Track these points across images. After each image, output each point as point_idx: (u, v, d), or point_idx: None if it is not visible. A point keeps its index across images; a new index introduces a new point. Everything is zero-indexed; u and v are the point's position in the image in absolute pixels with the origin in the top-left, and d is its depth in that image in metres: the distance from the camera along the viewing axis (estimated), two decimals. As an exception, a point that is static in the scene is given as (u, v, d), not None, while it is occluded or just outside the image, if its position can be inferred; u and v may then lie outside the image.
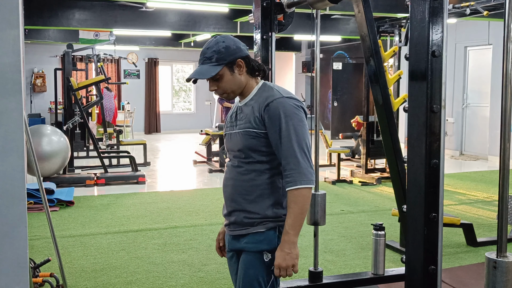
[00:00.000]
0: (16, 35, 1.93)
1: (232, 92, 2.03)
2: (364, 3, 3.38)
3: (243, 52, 2.00)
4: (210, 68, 1.97)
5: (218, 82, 2.00)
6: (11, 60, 1.93)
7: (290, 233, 1.88)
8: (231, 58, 1.97)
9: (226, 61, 1.96)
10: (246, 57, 2.01)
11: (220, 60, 1.96)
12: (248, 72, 2.03)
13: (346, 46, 13.07)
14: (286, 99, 1.94)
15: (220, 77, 1.99)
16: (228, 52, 1.96)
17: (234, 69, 1.99)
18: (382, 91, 3.56)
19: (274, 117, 1.91)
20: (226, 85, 2.01)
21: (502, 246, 1.70)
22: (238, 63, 1.99)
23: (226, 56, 1.96)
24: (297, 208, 1.88)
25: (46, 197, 3.22)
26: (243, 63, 2.00)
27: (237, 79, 2.00)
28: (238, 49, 1.99)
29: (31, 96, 13.73)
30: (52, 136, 6.97)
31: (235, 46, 1.99)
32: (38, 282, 3.32)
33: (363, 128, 7.61)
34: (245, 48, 2.03)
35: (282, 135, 1.89)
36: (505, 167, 1.70)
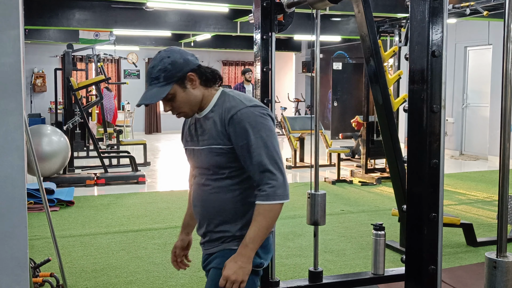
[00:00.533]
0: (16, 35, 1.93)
1: (190, 110, 1.86)
2: (364, 3, 3.38)
3: (192, 63, 1.82)
4: (159, 90, 1.79)
5: (172, 102, 1.83)
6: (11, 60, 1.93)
7: (249, 247, 1.74)
8: (180, 74, 1.79)
9: (175, 78, 1.79)
10: (196, 69, 1.83)
11: (168, 79, 1.78)
12: (202, 83, 1.85)
13: (346, 46, 13.07)
14: (251, 109, 1.78)
15: (172, 96, 1.81)
16: (176, 67, 1.79)
17: (186, 84, 1.81)
18: (382, 91, 3.56)
19: (240, 130, 1.76)
20: (181, 104, 1.83)
21: (502, 246, 1.70)
22: (189, 78, 1.81)
23: (174, 72, 1.78)
24: (265, 223, 1.74)
25: (46, 197, 3.22)
26: (194, 76, 1.82)
27: (191, 95, 1.83)
28: (186, 62, 1.81)
29: (31, 96, 13.73)
30: (52, 136, 6.97)
31: (182, 59, 1.80)
32: (38, 282, 3.32)
33: (363, 128, 7.61)
34: (194, 59, 1.85)
35: (251, 149, 1.75)
36: (505, 167, 1.70)
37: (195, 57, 1.86)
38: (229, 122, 1.78)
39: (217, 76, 1.89)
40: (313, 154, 3.42)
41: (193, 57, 1.84)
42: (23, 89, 2.26)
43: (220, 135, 1.80)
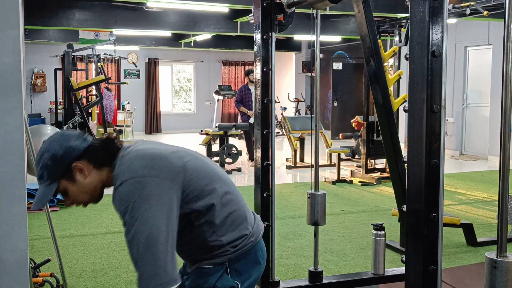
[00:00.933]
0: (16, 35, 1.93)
1: (92, 198, 1.71)
2: (364, 3, 3.38)
3: (76, 150, 1.60)
4: (45, 190, 1.63)
5: (67, 195, 1.67)
6: (11, 60, 1.93)
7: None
8: (62, 169, 1.60)
9: (59, 175, 1.61)
10: (84, 154, 1.62)
11: (52, 177, 1.61)
12: (97, 167, 1.64)
13: (346, 46, 13.07)
14: (124, 186, 1.54)
15: (63, 192, 1.65)
16: (57, 162, 1.59)
17: (75, 176, 1.62)
18: (382, 91, 3.57)
19: (120, 214, 1.57)
20: (76, 197, 1.67)
21: (502, 246, 1.70)
22: (76, 168, 1.61)
23: (56, 169, 1.60)
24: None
25: (46, 197, 3.21)
26: (83, 164, 1.61)
27: (85, 185, 1.64)
28: (67, 151, 1.60)
29: (31, 96, 13.73)
30: (52, 136, 6.97)
31: (62, 150, 1.59)
32: (38, 282, 3.31)
33: (363, 128, 7.61)
34: (79, 142, 1.62)
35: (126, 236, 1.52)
36: (505, 167, 1.70)
37: (81, 140, 1.63)
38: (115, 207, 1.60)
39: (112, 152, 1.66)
40: (313, 154, 3.42)
41: (78, 141, 1.62)
42: (23, 89, 2.26)
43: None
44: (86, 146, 1.63)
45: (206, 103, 15.94)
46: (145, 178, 1.54)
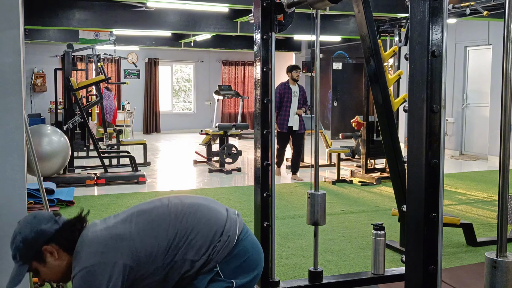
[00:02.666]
0: (16, 35, 1.93)
1: (63, 278, 1.73)
2: (364, 3, 3.38)
3: (47, 233, 1.67)
4: (18, 271, 1.67)
5: (39, 275, 1.72)
6: (11, 60, 1.93)
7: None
8: (33, 252, 1.66)
9: (30, 257, 1.66)
10: (54, 237, 1.67)
11: (23, 258, 1.67)
12: (66, 250, 1.69)
13: (346, 46, 13.08)
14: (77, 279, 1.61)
15: (35, 271, 1.70)
16: (27, 245, 1.65)
17: (45, 258, 1.67)
18: (382, 91, 3.56)
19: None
20: (48, 277, 1.73)
21: (502, 246, 1.70)
22: (46, 251, 1.67)
23: (27, 251, 1.66)
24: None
25: (46, 197, 3.22)
26: (53, 247, 1.67)
27: (55, 267, 1.69)
28: (38, 235, 1.66)
29: (31, 96, 13.73)
30: (52, 136, 6.97)
31: (33, 233, 1.65)
32: (38, 282, 3.31)
33: (363, 128, 7.61)
34: (51, 225, 1.68)
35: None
36: (505, 167, 1.70)
37: (53, 222, 1.70)
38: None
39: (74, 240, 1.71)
40: (313, 154, 3.42)
41: (49, 223, 1.68)
42: (23, 89, 2.26)
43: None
44: (57, 229, 1.69)
45: (206, 103, 15.94)
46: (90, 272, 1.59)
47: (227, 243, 1.81)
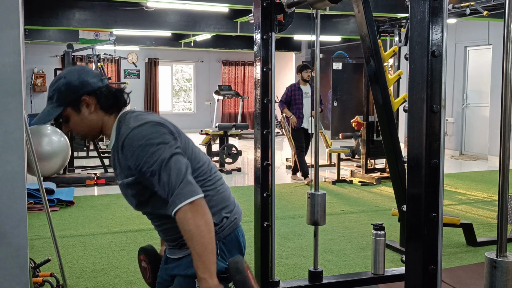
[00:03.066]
0: (16, 35, 1.93)
1: (88, 134, 1.77)
2: (364, 3, 3.38)
3: (90, 86, 1.70)
4: (50, 111, 1.71)
5: (68, 123, 1.74)
6: (11, 60, 1.93)
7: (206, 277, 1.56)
8: (73, 97, 1.69)
9: (67, 101, 1.69)
10: (96, 92, 1.71)
11: (60, 100, 1.69)
12: (102, 108, 1.73)
13: (346, 46, 13.07)
14: (135, 131, 1.64)
15: (66, 118, 1.73)
16: (69, 90, 1.68)
17: (81, 108, 1.70)
18: (382, 91, 3.57)
19: (132, 157, 1.63)
20: (76, 127, 1.75)
21: (502, 246, 1.70)
22: (84, 101, 1.70)
23: (67, 95, 1.68)
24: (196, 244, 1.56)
25: (46, 197, 3.22)
26: (91, 100, 1.70)
27: (86, 120, 1.72)
28: (82, 84, 1.69)
29: (31, 96, 13.73)
30: (52, 136, 6.98)
31: (78, 81, 1.69)
32: (38, 282, 3.32)
33: (363, 128, 7.61)
34: (96, 81, 1.72)
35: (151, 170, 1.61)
36: (505, 167, 1.70)
37: (98, 79, 1.73)
38: (122, 152, 1.67)
39: (121, 102, 1.77)
40: (313, 154, 3.42)
41: (95, 79, 1.72)
42: (23, 89, 2.26)
43: (126, 167, 1.68)
44: (100, 86, 1.73)
45: (206, 103, 15.94)
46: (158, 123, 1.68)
47: (233, 223, 1.82)
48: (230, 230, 1.81)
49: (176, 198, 1.57)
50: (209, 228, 1.58)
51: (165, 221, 1.77)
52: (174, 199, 1.58)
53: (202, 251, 1.55)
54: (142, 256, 1.99)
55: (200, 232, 1.55)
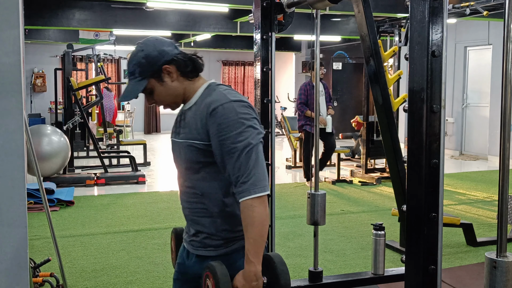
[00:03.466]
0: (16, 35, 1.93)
1: (172, 103, 1.81)
2: (364, 3, 3.38)
3: (168, 55, 1.74)
4: (135, 85, 1.75)
5: (152, 95, 1.79)
6: (11, 60, 1.93)
7: (255, 262, 1.65)
8: (154, 68, 1.73)
9: (150, 73, 1.74)
10: (174, 60, 1.75)
11: (143, 74, 1.74)
12: (183, 75, 1.78)
13: (346, 46, 13.07)
14: (233, 104, 1.68)
15: (151, 90, 1.77)
16: (150, 61, 1.73)
17: (163, 77, 1.75)
18: (382, 91, 3.56)
19: (219, 126, 1.66)
20: (161, 98, 1.79)
21: (502, 246, 1.70)
22: (165, 71, 1.75)
23: (148, 67, 1.73)
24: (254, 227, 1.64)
25: (46, 197, 3.22)
26: (172, 68, 1.75)
27: (170, 88, 1.77)
28: (161, 54, 1.74)
29: (31, 96, 13.73)
30: (52, 136, 6.98)
31: (156, 51, 1.74)
32: (38, 282, 3.31)
33: (363, 128, 7.61)
34: (172, 49, 1.76)
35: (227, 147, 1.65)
36: (505, 167, 1.70)
37: (173, 46, 1.77)
38: (209, 116, 1.68)
39: (198, 66, 1.82)
40: (313, 154, 3.42)
41: (170, 47, 1.76)
42: (23, 89, 2.26)
43: (199, 130, 1.71)
44: (177, 53, 1.77)
45: (206, 103, 15.94)
46: (252, 108, 1.73)
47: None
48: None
49: (252, 188, 1.63)
50: (267, 221, 1.68)
51: (201, 200, 1.77)
52: (249, 187, 1.63)
53: (258, 238, 1.65)
54: (172, 236, 2.06)
55: (262, 221, 1.65)
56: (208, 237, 1.78)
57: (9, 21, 1.93)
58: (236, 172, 1.65)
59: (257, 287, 1.66)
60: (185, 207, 1.85)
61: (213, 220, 1.76)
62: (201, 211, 1.78)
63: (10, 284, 2.05)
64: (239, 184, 1.65)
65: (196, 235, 1.82)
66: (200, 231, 1.80)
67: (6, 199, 1.99)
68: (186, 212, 1.86)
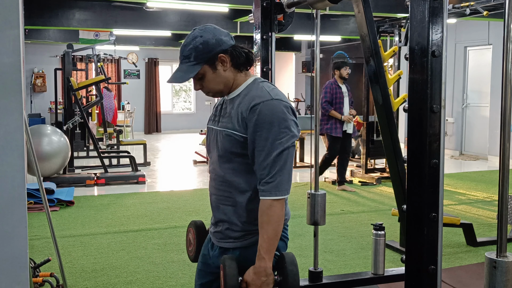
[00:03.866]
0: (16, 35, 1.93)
1: (219, 91, 1.83)
2: (364, 3, 3.38)
3: (225, 44, 1.78)
4: (188, 69, 1.77)
5: (202, 81, 1.81)
6: (11, 60, 1.93)
7: (266, 258, 1.71)
8: (210, 55, 1.76)
9: (206, 59, 1.76)
10: (229, 50, 1.79)
11: (198, 58, 1.76)
12: (235, 65, 1.81)
13: (346, 46, 13.07)
14: (274, 102, 1.72)
15: (202, 76, 1.79)
16: (207, 48, 1.75)
17: (217, 65, 1.78)
18: (382, 91, 3.57)
19: (257, 121, 1.71)
20: (210, 84, 1.81)
21: (502, 246, 1.70)
22: (220, 59, 1.78)
23: (205, 52, 1.75)
24: (270, 225, 1.70)
25: (46, 197, 3.22)
26: (226, 58, 1.79)
27: (221, 76, 1.80)
28: (218, 42, 1.77)
29: (31, 96, 13.73)
30: (52, 136, 6.98)
31: (214, 39, 1.77)
32: (38, 282, 3.31)
33: (363, 128, 7.61)
34: (228, 39, 1.81)
35: (261, 143, 1.70)
36: (505, 167, 1.70)
37: (230, 37, 1.82)
38: (250, 110, 1.73)
39: (250, 60, 1.85)
40: (313, 154, 3.42)
41: (227, 37, 1.81)
42: (23, 89, 2.26)
43: (239, 122, 1.75)
44: (233, 44, 1.82)
45: (206, 103, 15.93)
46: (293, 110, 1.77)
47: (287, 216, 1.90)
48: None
49: (274, 189, 1.70)
50: (283, 221, 1.75)
51: (228, 188, 1.82)
52: (272, 188, 1.70)
53: (273, 236, 1.71)
54: (191, 229, 2.08)
55: (278, 221, 1.71)
56: (229, 228, 1.84)
57: (9, 21, 1.93)
58: (262, 170, 1.71)
59: (266, 283, 1.71)
60: (212, 193, 1.91)
61: (235, 210, 1.82)
62: (226, 199, 1.84)
63: (10, 284, 2.05)
64: (263, 182, 1.71)
65: (218, 225, 1.88)
66: (222, 220, 1.86)
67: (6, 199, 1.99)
68: (212, 199, 1.92)
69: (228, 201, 1.83)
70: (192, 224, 2.09)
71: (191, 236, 2.09)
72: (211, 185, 1.91)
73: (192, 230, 2.08)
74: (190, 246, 2.09)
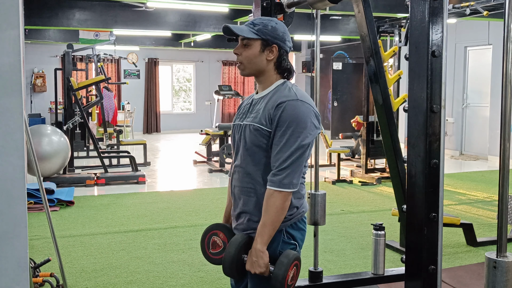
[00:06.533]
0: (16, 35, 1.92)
1: (248, 67, 1.95)
2: (364, 3, 3.38)
3: (284, 44, 1.94)
4: (247, 30, 1.91)
5: (246, 49, 1.93)
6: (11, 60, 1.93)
7: (259, 241, 1.84)
8: (269, 38, 1.91)
9: (264, 38, 1.91)
10: (283, 50, 1.94)
11: (260, 32, 1.91)
12: (277, 64, 1.95)
13: (346, 46, 13.07)
14: (299, 103, 1.85)
15: (248, 45, 1.93)
16: (273, 33, 1.91)
17: (266, 50, 1.93)
18: (382, 91, 3.57)
19: (280, 118, 1.84)
20: (247, 57, 1.93)
21: (502, 246, 1.70)
22: (272, 48, 1.93)
23: (268, 34, 1.91)
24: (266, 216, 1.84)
25: (46, 197, 3.22)
26: (276, 50, 1.93)
27: (260, 60, 1.93)
28: (282, 38, 1.93)
29: (31, 96, 13.73)
30: (52, 136, 6.98)
31: (282, 34, 1.93)
32: (38, 282, 3.32)
33: (363, 128, 7.61)
34: (289, 44, 1.97)
35: (282, 139, 1.83)
36: (505, 167, 1.70)
37: (291, 44, 1.98)
38: (276, 107, 1.85)
39: (290, 71, 1.98)
40: (313, 154, 3.42)
41: (289, 42, 1.97)
42: (23, 89, 2.26)
43: (266, 118, 1.87)
44: (287, 50, 1.97)
45: (206, 103, 15.94)
46: (315, 113, 1.89)
47: (301, 214, 1.99)
48: (296, 219, 1.97)
49: (280, 182, 1.82)
50: (284, 213, 1.86)
51: (251, 180, 1.93)
52: (279, 180, 1.82)
53: (271, 224, 1.83)
54: (219, 232, 2.13)
55: (278, 211, 1.83)
56: (250, 219, 1.94)
57: (9, 21, 1.93)
58: (275, 162, 1.84)
59: (257, 264, 1.84)
60: (236, 185, 2.01)
61: (257, 201, 1.92)
62: (249, 190, 1.94)
63: (10, 284, 2.05)
64: (272, 173, 1.84)
65: (241, 216, 1.98)
66: (244, 211, 1.97)
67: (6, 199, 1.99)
68: (235, 191, 2.01)
69: (251, 192, 1.94)
70: (221, 226, 2.14)
71: (217, 238, 2.12)
72: (235, 178, 2.02)
73: (221, 233, 2.13)
74: (217, 248, 2.12)
